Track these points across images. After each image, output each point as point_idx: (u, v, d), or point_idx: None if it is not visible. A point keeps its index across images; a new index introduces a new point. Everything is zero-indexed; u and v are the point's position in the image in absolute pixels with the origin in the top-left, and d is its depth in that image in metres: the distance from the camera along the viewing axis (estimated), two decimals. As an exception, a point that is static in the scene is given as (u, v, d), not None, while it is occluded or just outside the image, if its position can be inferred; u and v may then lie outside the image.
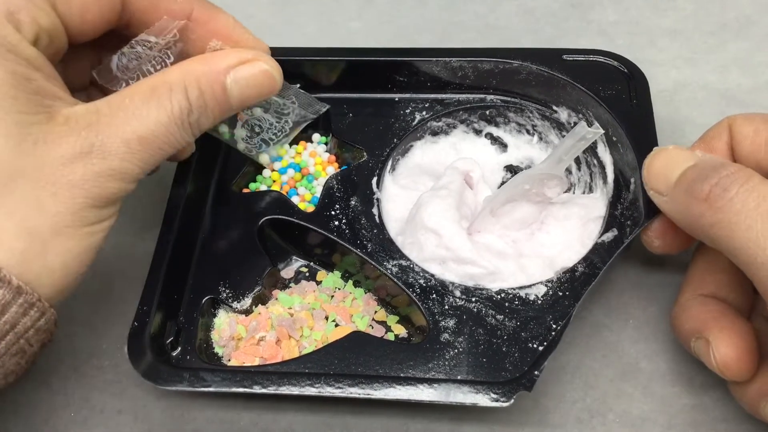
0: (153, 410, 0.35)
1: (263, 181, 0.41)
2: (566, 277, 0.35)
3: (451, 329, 0.34)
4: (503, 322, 0.34)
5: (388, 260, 0.36)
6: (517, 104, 0.42)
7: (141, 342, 0.32)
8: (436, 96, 0.42)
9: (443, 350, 0.33)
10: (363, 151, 0.40)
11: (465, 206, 0.38)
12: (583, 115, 0.40)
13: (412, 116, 0.41)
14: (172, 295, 0.35)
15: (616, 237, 0.36)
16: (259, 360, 0.34)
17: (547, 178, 0.37)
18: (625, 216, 0.36)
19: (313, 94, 0.42)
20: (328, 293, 0.37)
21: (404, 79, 0.42)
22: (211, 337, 0.36)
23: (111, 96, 0.30)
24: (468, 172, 0.39)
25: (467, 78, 0.42)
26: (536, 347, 0.33)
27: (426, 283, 0.35)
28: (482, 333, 0.33)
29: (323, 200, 0.39)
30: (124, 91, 0.30)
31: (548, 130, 0.41)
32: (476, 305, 0.34)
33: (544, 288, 0.35)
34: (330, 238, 0.37)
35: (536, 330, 0.33)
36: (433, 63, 0.41)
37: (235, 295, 0.36)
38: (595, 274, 0.35)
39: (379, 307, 0.37)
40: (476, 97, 0.42)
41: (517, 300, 0.34)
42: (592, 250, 0.36)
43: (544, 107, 0.41)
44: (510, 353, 0.33)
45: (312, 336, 0.35)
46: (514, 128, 0.42)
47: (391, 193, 0.40)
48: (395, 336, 0.36)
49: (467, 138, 0.42)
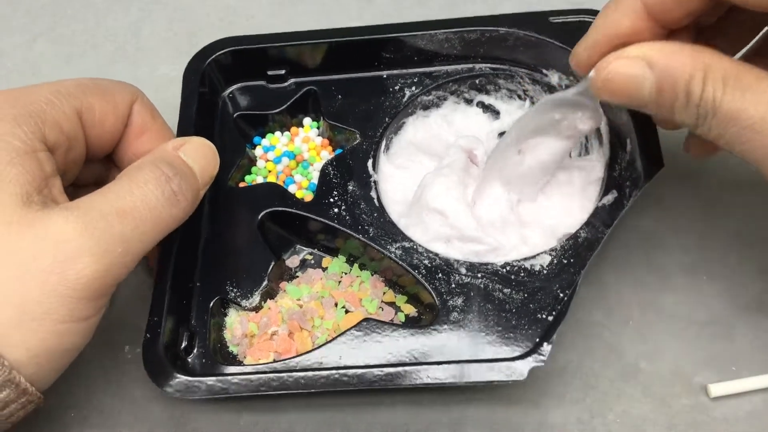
0: (153, 410, 0.35)
1: (258, 172, 0.41)
2: (569, 244, 0.35)
3: (459, 308, 0.34)
4: (511, 295, 0.34)
5: (391, 243, 0.36)
6: (507, 71, 0.41)
7: (156, 354, 0.32)
8: (425, 69, 0.41)
9: (454, 330, 0.33)
10: (356, 132, 0.40)
11: (471, 181, 0.37)
12: (575, 77, 0.39)
13: (401, 92, 0.41)
14: (181, 301, 0.35)
15: (616, 199, 0.36)
16: (273, 355, 0.35)
17: (580, 106, 0.33)
18: (624, 177, 0.36)
19: (300, 77, 0.42)
20: (335, 279, 0.37)
21: (391, 56, 0.41)
22: (224, 336, 0.36)
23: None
24: (471, 149, 0.38)
25: (454, 49, 0.41)
26: (545, 317, 0.33)
27: (431, 263, 0.35)
28: (491, 308, 0.34)
29: (321, 187, 0.38)
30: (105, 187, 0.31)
31: (539, 94, 0.41)
32: (483, 281, 0.35)
33: (548, 257, 0.35)
34: (331, 225, 0.37)
35: (544, 300, 0.34)
36: (418, 37, 0.41)
37: (243, 294, 0.36)
38: (599, 239, 0.35)
39: (386, 288, 0.37)
40: (465, 67, 0.41)
41: (522, 272, 0.35)
42: (593, 214, 0.36)
43: (534, 71, 0.41)
44: (520, 326, 0.33)
45: (323, 325, 0.36)
46: (505, 95, 0.42)
47: (388, 173, 0.40)
48: (405, 316, 0.36)
49: (458, 108, 0.42)
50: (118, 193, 0.30)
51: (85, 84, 0.33)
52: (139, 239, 0.30)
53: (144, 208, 0.30)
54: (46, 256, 0.27)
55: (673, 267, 0.37)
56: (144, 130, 0.35)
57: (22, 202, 0.28)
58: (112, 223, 0.29)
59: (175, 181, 0.32)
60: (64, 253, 0.27)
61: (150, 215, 0.30)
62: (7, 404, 0.27)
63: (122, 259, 0.29)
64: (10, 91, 0.31)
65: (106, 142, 0.34)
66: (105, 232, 0.28)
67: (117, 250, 0.29)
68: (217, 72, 0.41)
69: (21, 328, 0.27)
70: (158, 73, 0.47)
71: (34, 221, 0.28)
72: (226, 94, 0.42)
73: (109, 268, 0.28)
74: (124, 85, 0.35)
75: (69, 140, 0.32)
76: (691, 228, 0.38)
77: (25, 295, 0.27)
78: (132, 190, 0.30)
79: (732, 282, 0.37)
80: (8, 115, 0.29)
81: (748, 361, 0.35)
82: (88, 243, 0.28)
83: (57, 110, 0.31)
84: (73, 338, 0.29)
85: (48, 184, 0.30)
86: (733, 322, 0.36)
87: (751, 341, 0.35)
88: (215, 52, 0.41)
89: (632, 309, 0.37)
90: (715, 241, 0.38)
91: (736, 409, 0.33)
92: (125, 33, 0.50)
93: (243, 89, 0.43)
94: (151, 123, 0.35)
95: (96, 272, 0.28)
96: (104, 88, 0.34)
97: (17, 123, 0.29)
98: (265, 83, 0.42)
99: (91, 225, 0.28)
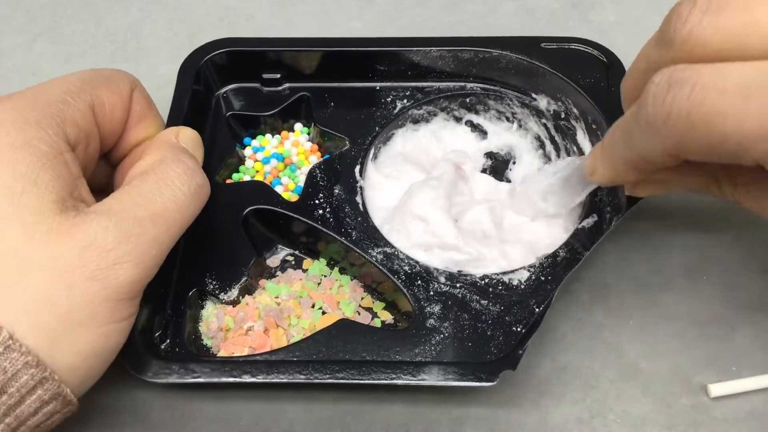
0: (153, 409, 0.35)
1: (246, 171, 0.41)
2: (548, 262, 0.36)
3: (436, 315, 0.34)
4: (487, 307, 0.34)
5: (373, 248, 0.36)
6: (497, 92, 0.42)
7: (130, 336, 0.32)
8: (417, 84, 0.42)
9: (429, 335, 0.34)
10: (345, 140, 0.41)
11: (457, 196, 0.38)
12: (563, 103, 0.40)
13: (393, 104, 0.42)
14: (158, 289, 0.35)
15: (596, 222, 0.37)
16: (248, 350, 0.35)
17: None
18: (604, 202, 0.37)
19: (294, 83, 0.43)
20: (315, 281, 0.37)
21: (385, 68, 0.42)
22: (199, 329, 0.36)
23: (114, 192, 0.31)
24: (460, 164, 0.39)
25: (447, 66, 0.42)
26: (520, 330, 0.33)
27: (411, 270, 0.36)
28: (467, 318, 0.34)
29: (307, 189, 0.39)
30: (123, 187, 0.31)
31: (527, 118, 0.42)
32: (461, 291, 0.35)
33: (526, 273, 0.36)
34: (314, 227, 0.37)
35: (520, 314, 0.34)
36: (413, 52, 0.42)
37: (221, 287, 0.36)
38: (577, 259, 0.35)
39: (365, 293, 0.37)
40: (456, 85, 0.42)
41: (500, 285, 0.35)
42: (572, 235, 0.37)
43: (524, 95, 0.42)
44: (495, 337, 0.33)
45: (300, 324, 0.36)
46: (493, 116, 0.43)
47: (374, 181, 0.40)
48: (382, 322, 0.36)
49: (447, 125, 0.43)
50: (149, 196, 0.31)
51: (90, 77, 0.33)
52: (170, 239, 0.31)
53: (174, 208, 0.31)
54: (90, 265, 0.28)
55: (673, 267, 0.38)
56: (141, 118, 0.35)
57: (58, 208, 0.28)
58: (147, 228, 0.30)
59: (198, 175, 0.33)
60: (106, 261, 0.28)
61: (179, 215, 0.31)
62: (52, 415, 0.28)
63: (156, 260, 0.30)
64: (25, 94, 0.31)
65: (115, 132, 0.35)
66: (141, 237, 0.29)
67: (152, 253, 0.30)
68: (212, 71, 0.42)
69: (69, 334, 0.28)
70: (158, 72, 0.47)
71: (72, 229, 0.28)
72: (220, 94, 0.43)
73: (145, 271, 0.30)
74: (123, 73, 0.36)
75: (86, 137, 0.32)
76: (691, 228, 0.39)
77: (72, 302, 0.27)
78: (162, 190, 0.31)
79: (732, 282, 0.37)
80: (31, 119, 0.29)
81: (748, 361, 0.35)
82: (127, 249, 0.29)
83: (73, 109, 0.31)
84: (116, 337, 0.30)
85: (77, 186, 0.30)
86: (733, 322, 0.36)
87: (751, 341, 0.35)
88: (212, 51, 0.42)
89: (632, 309, 0.37)
90: (715, 241, 0.38)
91: (736, 409, 0.34)
92: (125, 33, 0.51)
93: (237, 90, 0.43)
94: (148, 111, 0.36)
95: (134, 275, 0.29)
96: (108, 78, 0.34)
97: (41, 126, 0.30)
98: (260, 86, 0.43)
99: (128, 231, 0.29)
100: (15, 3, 0.52)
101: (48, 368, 0.27)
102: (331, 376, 0.32)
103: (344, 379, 0.32)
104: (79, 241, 0.28)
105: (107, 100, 0.33)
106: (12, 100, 0.30)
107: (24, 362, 0.26)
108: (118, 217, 0.29)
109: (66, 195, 0.29)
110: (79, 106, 0.32)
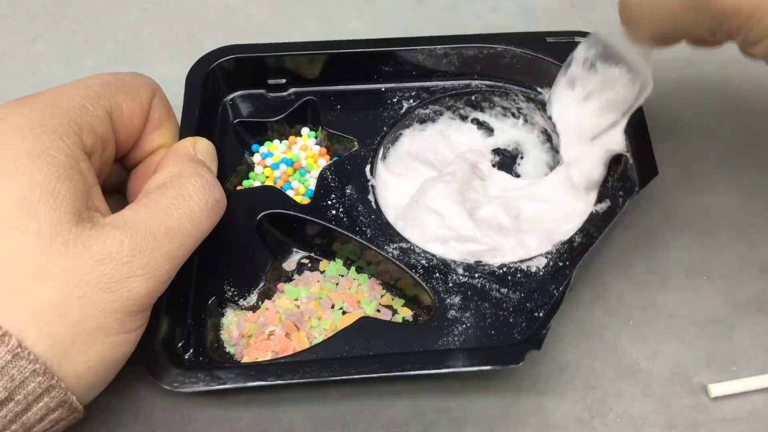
0: (153, 410, 0.34)
1: (256, 177, 0.41)
2: (564, 248, 0.36)
3: (457, 306, 0.34)
4: (507, 295, 0.35)
5: (389, 244, 0.36)
6: (502, 88, 0.42)
7: (153, 348, 0.32)
8: (422, 84, 0.43)
9: (451, 326, 0.34)
10: (354, 141, 0.41)
11: (470, 191, 0.38)
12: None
13: (399, 105, 0.42)
14: (177, 299, 0.34)
15: (609, 207, 0.37)
16: (271, 354, 0.34)
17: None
18: (616, 187, 0.38)
19: (299, 88, 0.43)
20: (333, 281, 0.37)
21: (390, 69, 0.42)
22: (221, 336, 0.35)
23: (131, 204, 0.31)
24: (476, 162, 0.39)
25: (452, 65, 0.42)
26: (542, 316, 0.34)
27: (428, 263, 0.36)
28: (488, 307, 0.34)
29: (318, 191, 0.39)
30: (140, 199, 0.31)
31: (533, 112, 0.42)
32: (480, 281, 0.35)
33: (544, 260, 0.36)
34: (329, 227, 0.37)
35: (541, 300, 0.34)
36: (417, 51, 0.42)
37: (240, 293, 0.36)
38: (592, 243, 0.36)
39: (384, 291, 0.37)
40: (461, 83, 0.43)
41: (519, 273, 0.35)
42: (587, 220, 0.37)
43: (529, 89, 0.42)
44: (517, 323, 0.34)
45: (321, 325, 0.35)
46: (499, 112, 0.43)
47: (385, 180, 0.40)
48: (402, 319, 0.36)
49: (453, 124, 0.43)
50: (166, 210, 0.30)
51: (111, 82, 0.33)
52: (184, 254, 0.31)
53: (189, 223, 0.31)
54: (104, 277, 0.28)
55: (673, 267, 0.38)
56: (159, 125, 0.35)
57: (75, 220, 0.28)
58: (162, 243, 0.29)
59: (216, 190, 0.33)
60: (120, 274, 0.28)
61: (195, 230, 0.31)
62: (58, 422, 0.28)
63: (169, 274, 0.30)
64: (43, 97, 0.31)
65: (131, 139, 0.34)
66: (155, 251, 0.29)
67: (165, 267, 0.30)
68: (220, 78, 0.42)
69: (78, 344, 0.28)
70: (158, 72, 0.47)
71: (88, 241, 0.28)
72: (227, 101, 0.43)
73: (157, 285, 0.30)
74: (144, 78, 0.35)
75: (103, 143, 0.32)
76: (691, 228, 0.39)
77: (83, 313, 0.27)
78: (179, 204, 0.31)
79: (732, 282, 0.37)
80: (49, 127, 0.29)
81: (748, 361, 0.35)
82: (141, 263, 0.29)
83: (91, 115, 0.31)
84: (125, 348, 0.29)
85: (91, 195, 0.30)
86: (733, 322, 0.36)
87: (751, 341, 0.36)
88: (219, 58, 0.42)
89: (632, 309, 0.37)
90: (715, 241, 0.39)
91: (736, 409, 0.34)
92: (125, 33, 0.50)
93: (243, 97, 0.43)
94: (166, 118, 0.35)
95: (146, 289, 0.29)
96: (128, 83, 0.34)
97: (58, 135, 0.29)
98: (265, 92, 0.43)
99: (143, 245, 0.29)
100: (15, 3, 0.52)
101: (55, 376, 0.27)
102: (358, 371, 0.31)
103: (371, 373, 0.31)
104: (94, 254, 0.28)
105: (126, 108, 0.33)
106: (30, 104, 0.30)
107: (32, 370, 0.26)
108: (134, 231, 0.29)
109: (82, 206, 0.29)
110: (98, 112, 0.31)
